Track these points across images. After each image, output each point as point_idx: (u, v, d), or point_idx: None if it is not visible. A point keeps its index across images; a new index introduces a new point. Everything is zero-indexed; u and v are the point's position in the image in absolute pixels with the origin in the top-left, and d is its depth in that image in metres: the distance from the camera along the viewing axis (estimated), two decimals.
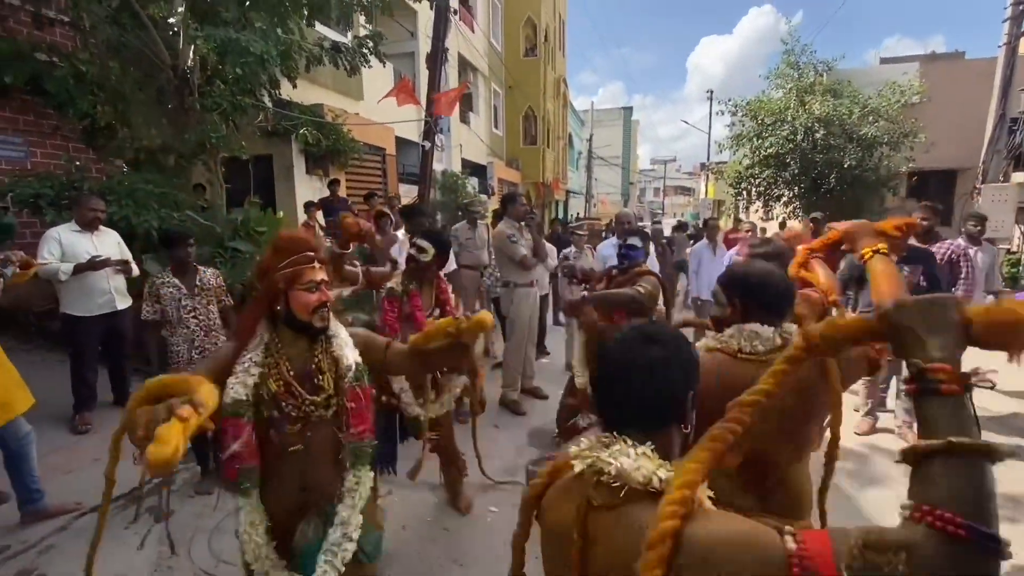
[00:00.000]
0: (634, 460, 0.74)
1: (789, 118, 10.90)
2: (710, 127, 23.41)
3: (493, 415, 4.11)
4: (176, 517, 2.72)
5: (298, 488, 1.39)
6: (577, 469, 0.79)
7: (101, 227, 3.59)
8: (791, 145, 10.91)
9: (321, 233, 6.56)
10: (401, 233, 4.45)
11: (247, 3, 5.16)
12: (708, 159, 23.38)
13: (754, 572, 0.61)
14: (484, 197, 14.09)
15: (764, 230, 9.51)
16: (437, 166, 11.09)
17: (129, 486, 2.98)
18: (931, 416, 0.62)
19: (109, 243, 3.59)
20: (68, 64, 4.83)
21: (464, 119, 15.02)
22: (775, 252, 1.96)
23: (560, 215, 26.70)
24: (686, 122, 27.81)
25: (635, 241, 2.85)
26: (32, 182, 4.38)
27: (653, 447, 0.77)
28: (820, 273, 1.56)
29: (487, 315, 1.35)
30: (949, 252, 3.84)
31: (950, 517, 0.54)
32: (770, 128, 11.12)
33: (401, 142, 10.85)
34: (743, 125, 11.82)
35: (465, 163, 14.73)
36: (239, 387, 1.32)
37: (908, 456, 0.62)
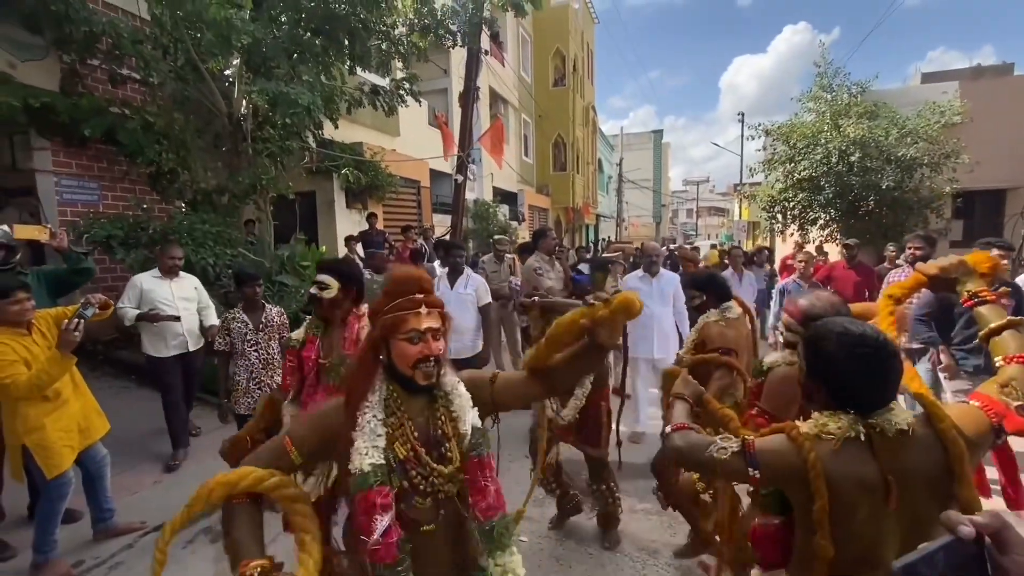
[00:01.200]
0: (908, 415, 1.12)
1: (823, 141, 10.78)
2: (742, 149, 23.22)
3: (523, 444, 4.20)
4: None
5: (452, 568, 1.23)
6: (856, 435, 1.09)
7: (180, 273, 3.86)
8: (825, 168, 10.76)
9: (360, 265, 6.87)
10: (437, 266, 4.68)
11: (295, 56, 5.63)
12: (741, 181, 23.11)
13: (979, 425, 1.09)
14: (515, 224, 14.40)
15: (827, 253, 9.28)
16: (469, 195, 11.44)
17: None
18: (986, 314, 1.27)
19: (186, 288, 3.84)
20: (138, 116, 5.34)
21: (500, 150, 15.49)
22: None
23: (591, 238, 26.85)
24: (717, 144, 27.67)
25: (583, 267, 2.94)
26: (105, 224, 4.85)
27: None
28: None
29: (631, 295, 1.13)
30: None
31: None
32: (803, 152, 11.01)
33: (435, 174, 11.29)
34: (774, 149, 11.75)
35: (496, 191, 15.10)
36: (372, 451, 1.11)
37: (986, 335, 1.26)
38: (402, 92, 6.70)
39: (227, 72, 5.92)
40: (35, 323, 2.50)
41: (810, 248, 9.04)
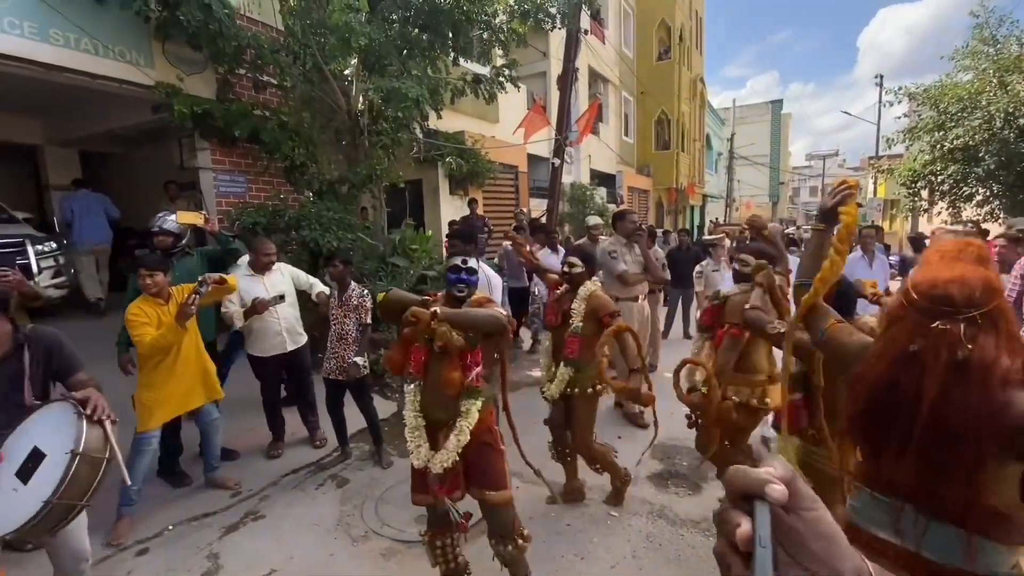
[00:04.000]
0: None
1: (983, 103, 9.19)
2: (879, 117, 20.38)
3: (616, 425, 4.26)
4: (350, 485, 3.36)
5: None
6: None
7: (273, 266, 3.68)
8: (986, 135, 9.19)
9: None
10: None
11: (404, 52, 6.03)
12: (876, 154, 20.39)
13: None
14: (613, 207, 14.11)
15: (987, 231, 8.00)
16: (566, 179, 11.43)
17: (318, 457, 3.73)
18: None
19: (279, 281, 3.64)
20: (275, 117, 6.09)
21: (593, 130, 15.20)
22: None
23: (697, 220, 25.43)
24: (848, 113, 24.57)
25: (472, 263, 2.20)
26: (251, 212, 5.64)
27: None
28: None
29: None
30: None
31: None
32: (956, 117, 9.48)
33: (532, 158, 11.42)
34: (919, 115, 10.24)
35: (594, 173, 14.88)
36: None
37: None
38: (501, 79, 6.88)
39: (346, 72, 6.50)
40: (174, 295, 2.94)
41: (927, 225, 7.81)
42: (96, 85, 5.19)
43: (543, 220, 8.29)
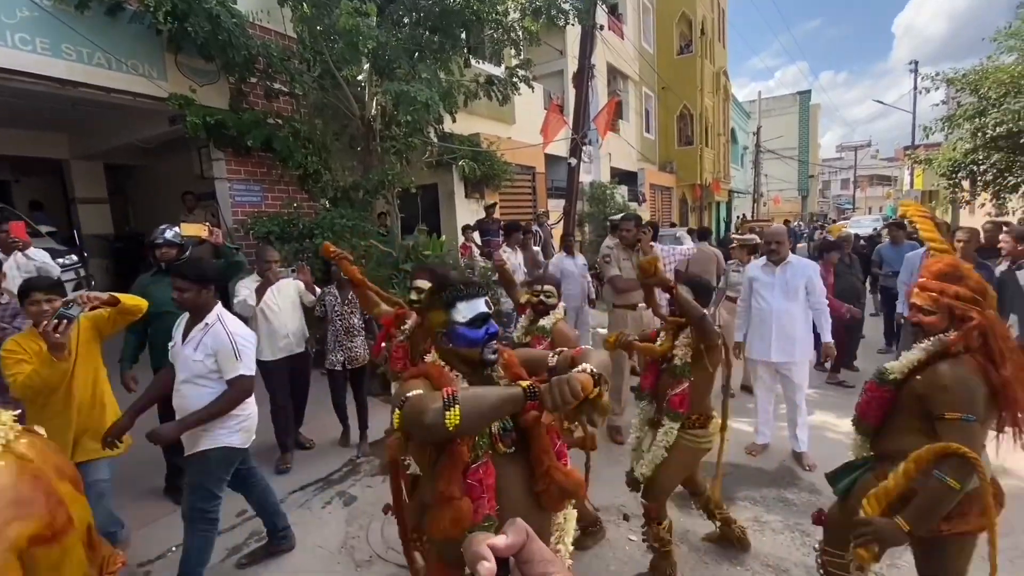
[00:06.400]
0: None
1: None
2: (914, 105, 19.49)
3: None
4: (357, 504, 3.26)
5: None
6: None
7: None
8: None
9: (477, 253, 7.13)
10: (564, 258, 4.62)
11: (415, 55, 5.93)
12: (913, 143, 19.50)
13: None
14: (635, 205, 13.81)
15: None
16: (585, 178, 11.20)
17: (327, 472, 3.64)
18: None
19: (285, 285, 3.77)
20: (288, 125, 6.07)
21: (613, 128, 14.90)
22: None
23: (723, 216, 24.78)
24: (881, 102, 23.60)
25: (484, 306, 1.38)
26: (265, 221, 5.62)
27: None
28: None
29: None
30: None
31: None
32: (997, 103, 8.92)
33: (549, 158, 11.22)
34: (958, 102, 9.68)
35: (614, 171, 14.60)
36: None
37: None
38: (515, 80, 6.72)
39: (359, 78, 6.44)
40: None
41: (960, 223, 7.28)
42: (112, 99, 5.24)
43: (560, 223, 8.10)
